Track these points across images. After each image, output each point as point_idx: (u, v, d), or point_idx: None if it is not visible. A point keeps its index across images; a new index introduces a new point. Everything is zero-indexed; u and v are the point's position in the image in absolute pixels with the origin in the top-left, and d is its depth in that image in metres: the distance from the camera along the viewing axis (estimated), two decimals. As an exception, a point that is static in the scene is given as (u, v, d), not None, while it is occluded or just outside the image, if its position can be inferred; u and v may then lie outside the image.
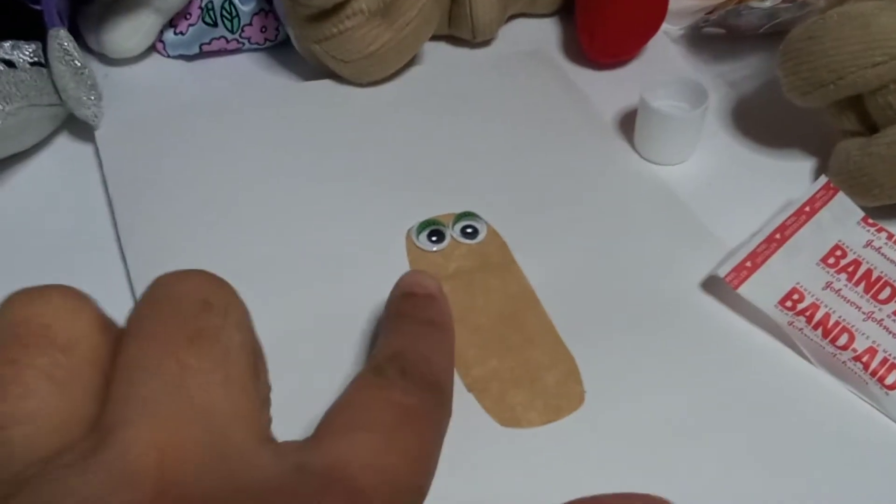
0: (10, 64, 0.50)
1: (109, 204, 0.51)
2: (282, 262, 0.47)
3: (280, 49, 0.63)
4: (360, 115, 0.57)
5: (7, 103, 0.47)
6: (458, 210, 0.50)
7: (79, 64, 0.51)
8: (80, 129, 0.56)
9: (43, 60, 0.53)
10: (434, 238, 0.48)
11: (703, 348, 0.44)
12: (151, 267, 0.46)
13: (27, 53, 0.52)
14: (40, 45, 0.53)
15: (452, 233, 0.49)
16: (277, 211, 0.50)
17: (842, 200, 0.50)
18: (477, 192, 0.52)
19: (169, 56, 0.62)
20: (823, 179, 0.51)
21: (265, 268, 0.47)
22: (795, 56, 0.51)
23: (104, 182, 0.52)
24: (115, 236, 0.49)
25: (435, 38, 0.64)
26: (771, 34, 0.61)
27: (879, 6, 0.48)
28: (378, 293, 0.45)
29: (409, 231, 0.49)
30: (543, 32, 0.68)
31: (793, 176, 0.55)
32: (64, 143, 0.56)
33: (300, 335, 0.44)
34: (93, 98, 0.52)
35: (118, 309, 0.45)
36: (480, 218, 0.50)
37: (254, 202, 0.51)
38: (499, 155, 0.55)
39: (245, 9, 0.60)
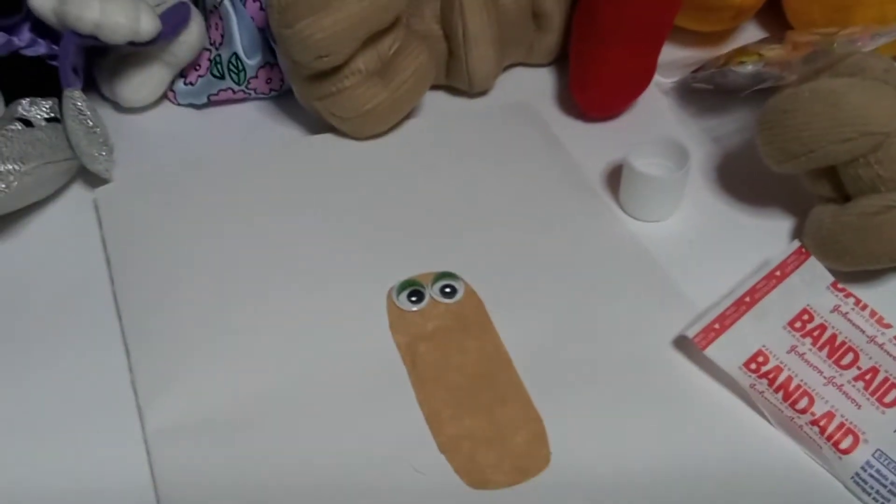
0: (27, 123, 0.53)
1: (107, 259, 0.54)
2: (266, 322, 0.50)
3: (284, 98, 0.67)
4: (352, 173, 0.60)
5: (23, 163, 0.51)
6: (439, 268, 0.53)
7: (91, 123, 0.54)
8: (94, 177, 0.59)
9: (59, 116, 0.56)
10: (414, 298, 0.51)
11: (668, 408, 0.47)
12: (145, 322, 0.50)
13: (44, 110, 0.55)
14: (56, 100, 0.57)
15: (431, 292, 0.51)
16: (264, 270, 0.53)
17: (812, 266, 0.52)
18: (458, 250, 0.54)
19: (179, 104, 0.66)
20: (796, 244, 0.53)
21: (250, 327, 0.50)
22: (770, 127, 0.53)
23: (103, 239, 0.55)
24: (112, 290, 0.53)
25: (433, 88, 0.67)
26: (758, 91, 0.63)
27: (849, 84, 0.51)
28: (359, 353, 0.48)
29: (389, 290, 0.52)
30: (539, 83, 0.70)
31: (771, 235, 0.58)
32: (77, 193, 0.59)
33: (285, 392, 0.47)
34: (104, 154, 0.55)
35: (112, 365, 0.48)
36: (459, 277, 0.52)
37: (241, 260, 0.53)
38: (482, 212, 0.57)
39: (251, 63, 0.63)
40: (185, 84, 0.65)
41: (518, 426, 0.45)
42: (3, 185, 0.49)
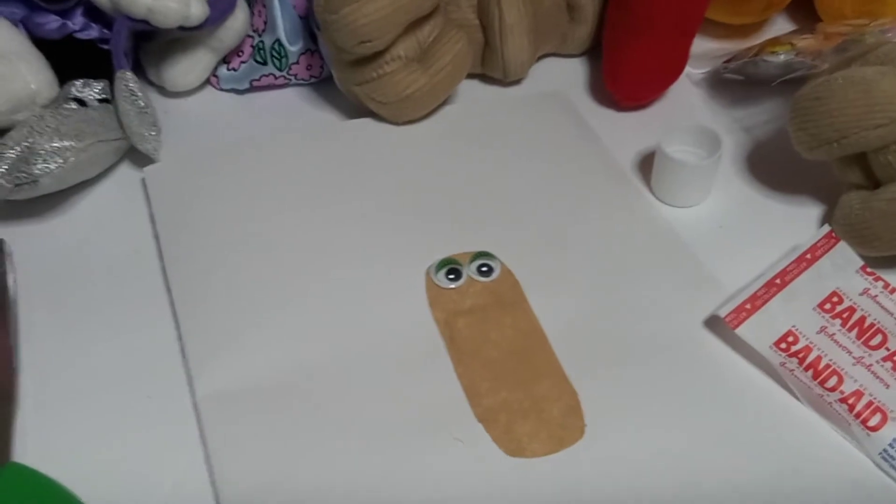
0: (81, 102, 0.56)
1: (156, 235, 0.56)
2: (309, 296, 0.52)
3: (324, 84, 0.68)
4: (391, 155, 0.62)
5: (79, 140, 0.53)
6: (476, 248, 0.54)
7: (143, 104, 0.56)
8: (141, 158, 0.61)
9: (110, 97, 0.58)
10: (451, 276, 0.53)
11: (700, 384, 0.48)
12: (193, 294, 0.52)
13: (96, 91, 0.57)
14: (107, 82, 0.59)
15: (469, 271, 0.53)
16: (307, 247, 0.55)
17: (842, 249, 0.53)
18: (494, 231, 0.56)
19: (221, 89, 0.68)
20: (826, 228, 0.54)
21: (294, 301, 0.51)
22: (803, 114, 0.54)
23: (151, 216, 0.57)
24: (161, 264, 0.54)
25: (468, 76, 0.68)
26: (789, 82, 0.64)
27: (881, 71, 0.52)
28: (398, 328, 0.50)
29: (428, 269, 0.53)
30: (572, 72, 0.72)
31: (800, 222, 0.59)
32: (125, 172, 0.61)
33: (328, 363, 0.48)
34: (153, 133, 0.57)
35: (162, 336, 0.50)
36: (495, 257, 0.54)
37: (284, 238, 0.55)
38: (517, 195, 0.59)
39: (293, 49, 0.65)
40: (228, 69, 0.66)
41: (553, 399, 0.47)
42: (61, 161, 0.52)
